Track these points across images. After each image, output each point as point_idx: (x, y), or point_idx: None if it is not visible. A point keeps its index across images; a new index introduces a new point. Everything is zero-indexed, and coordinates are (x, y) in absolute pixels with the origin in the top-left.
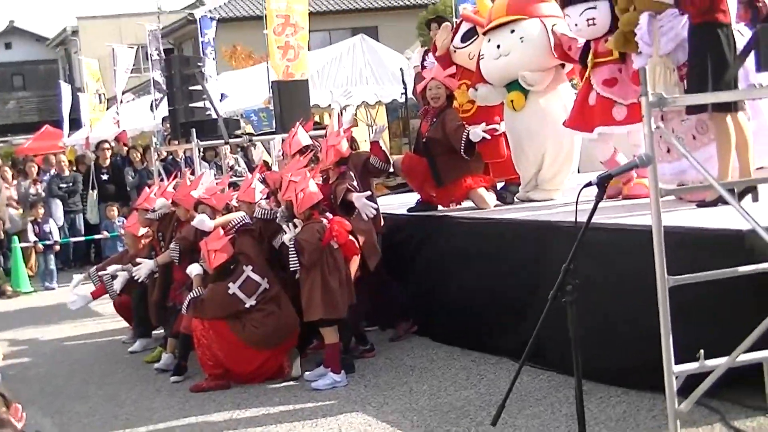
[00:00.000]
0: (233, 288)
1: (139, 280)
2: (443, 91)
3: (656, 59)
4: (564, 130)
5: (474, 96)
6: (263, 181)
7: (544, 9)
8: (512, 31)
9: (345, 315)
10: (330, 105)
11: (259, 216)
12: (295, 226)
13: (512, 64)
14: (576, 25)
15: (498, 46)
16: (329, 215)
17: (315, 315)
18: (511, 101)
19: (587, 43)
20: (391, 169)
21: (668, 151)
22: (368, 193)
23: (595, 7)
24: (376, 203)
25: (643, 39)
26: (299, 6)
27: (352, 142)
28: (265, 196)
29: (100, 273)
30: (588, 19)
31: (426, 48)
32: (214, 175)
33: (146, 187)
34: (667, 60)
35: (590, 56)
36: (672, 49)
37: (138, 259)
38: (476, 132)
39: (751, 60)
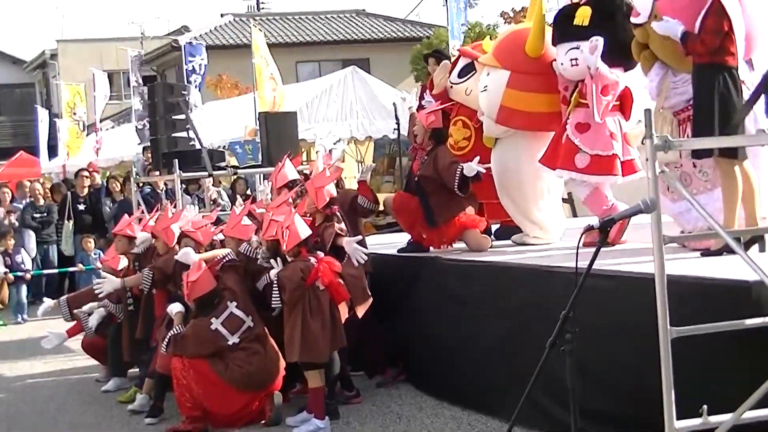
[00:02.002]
0: (216, 323)
1: (101, 295)
2: (421, 128)
3: (657, 110)
4: (538, 170)
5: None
6: (250, 215)
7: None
8: (488, 74)
9: (326, 360)
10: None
11: (246, 253)
12: (284, 262)
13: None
14: (561, 64)
15: (486, 76)
16: (320, 254)
17: (292, 356)
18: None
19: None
20: (381, 208)
21: (668, 188)
22: (359, 238)
23: (578, 48)
24: (366, 247)
25: (650, 88)
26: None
27: (339, 180)
28: (255, 233)
29: (75, 310)
30: (571, 59)
31: (423, 84)
32: (199, 209)
33: (126, 214)
34: (666, 112)
35: (575, 95)
36: (676, 102)
37: (103, 273)
38: (471, 166)
39: (759, 104)
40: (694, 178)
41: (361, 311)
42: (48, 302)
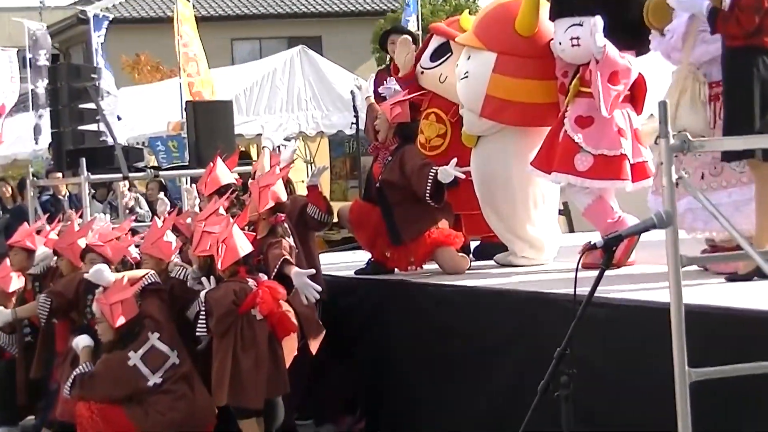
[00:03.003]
0: (134, 359)
1: None
2: (385, 123)
3: (686, 68)
4: (530, 175)
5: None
6: (174, 229)
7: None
8: (468, 58)
9: (259, 406)
10: (259, 135)
11: (177, 276)
12: (218, 282)
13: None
14: (560, 44)
15: (467, 60)
16: (262, 276)
17: (220, 399)
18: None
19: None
20: (335, 220)
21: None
22: (311, 271)
23: (581, 24)
24: (321, 284)
25: (673, 41)
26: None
27: (288, 183)
28: (178, 251)
29: None
30: (572, 38)
31: (381, 67)
32: (111, 219)
33: (25, 223)
34: (698, 72)
35: (575, 82)
36: (706, 60)
37: None
38: (446, 171)
39: None
40: (726, 167)
41: (314, 347)
42: None
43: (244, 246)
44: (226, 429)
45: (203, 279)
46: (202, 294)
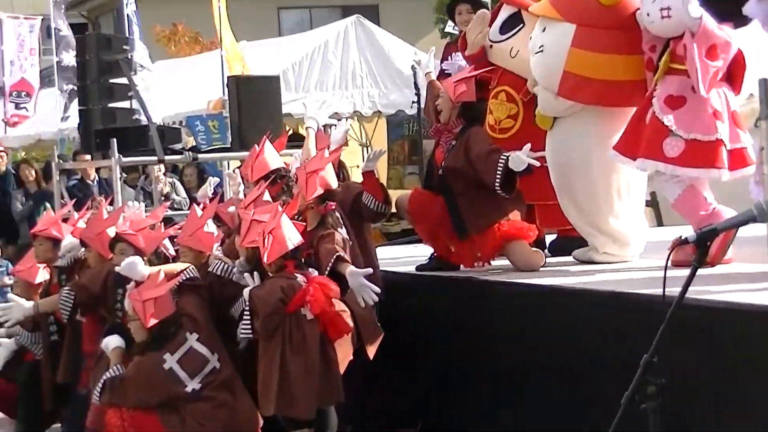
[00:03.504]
0: (170, 361)
1: (7, 325)
2: (448, 102)
3: None
4: (613, 161)
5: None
6: (216, 218)
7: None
8: (543, 30)
9: (311, 415)
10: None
11: (216, 272)
12: (263, 278)
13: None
14: (648, 14)
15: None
16: (312, 272)
17: (267, 408)
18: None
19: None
20: (393, 210)
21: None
22: (369, 271)
23: None
24: (378, 282)
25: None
26: None
27: (340, 168)
28: (220, 243)
29: None
30: (662, 9)
31: (449, 41)
32: (145, 206)
33: (50, 210)
34: None
35: (665, 58)
36: None
37: (10, 296)
38: (518, 158)
39: None
40: None
41: (371, 351)
42: None
43: (293, 238)
44: None
45: (246, 275)
46: (246, 291)
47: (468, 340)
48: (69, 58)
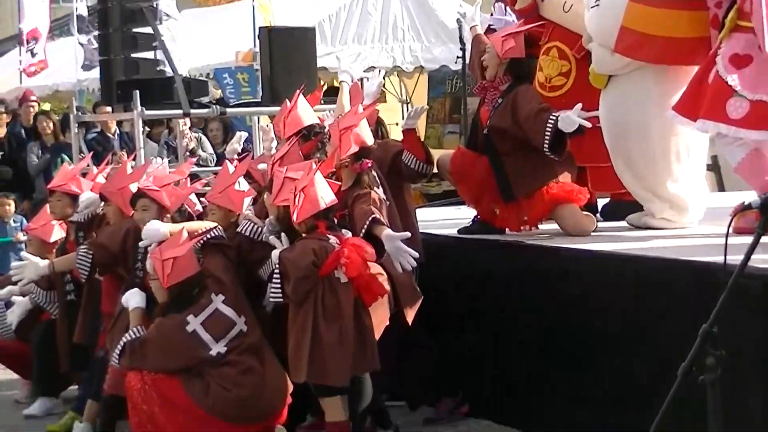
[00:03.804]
0: (194, 323)
1: (21, 284)
2: (495, 58)
3: None
4: (672, 122)
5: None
6: (247, 176)
7: None
8: None
9: (345, 383)
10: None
11: (244, 232)
12: (291, 239)
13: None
14: None
15: None
16: (345, 233)
17: (299, 375)
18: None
19: None
20: (435, 170)
21: None
22: (407, 234)
23: None
24: (418, 246)
25: None
26: None
27: (378, 125)
28: (251, 202)
29: None
30: None
31: None
32: (170, 162)
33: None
34: None
35: (731, 14)
36: None
37: (24, 254)
38: (569, 118)
39: None
40: None
41: (410, 316)
42: None
43: (325, 197)
44: (303, 408)
45: (272, 238)
46: (275, 254)
47: (512, 307)
48: (83, 8)
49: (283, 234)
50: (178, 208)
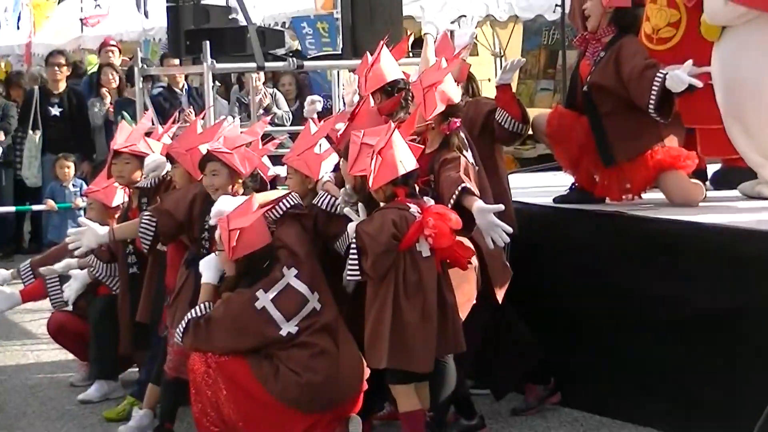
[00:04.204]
0: (263, 299)
1: (77, 252)
2: (598, 7)
3: None
4: None
5: None
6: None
7: None
8: None
9: (429, 368)
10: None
11: (320, 205)
12: (368, 209)
13: None
14: None
15: None
16: (427, 201)
17: (377, 361)
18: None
19: None
20: (530, 132)
21: None
22: (501, 207)
23: None
24: (510, 218)
25: None
26: None
27: (469, 81)
28: (333, 168)
29: (41, 268)
30: None
31: None
32: (242, 120)
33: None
34: None
35: None
36: None
37: (82, 220)
38: (678, 76)
39: None
40: None
41: (499, 294)
42: (3, 273)
43: (405, 161)
44: (379, 396)
45: (347, 210)
46: (352, 227)
47: (613, 283)
48: None
49: (360, 205)
50: (251, 173)
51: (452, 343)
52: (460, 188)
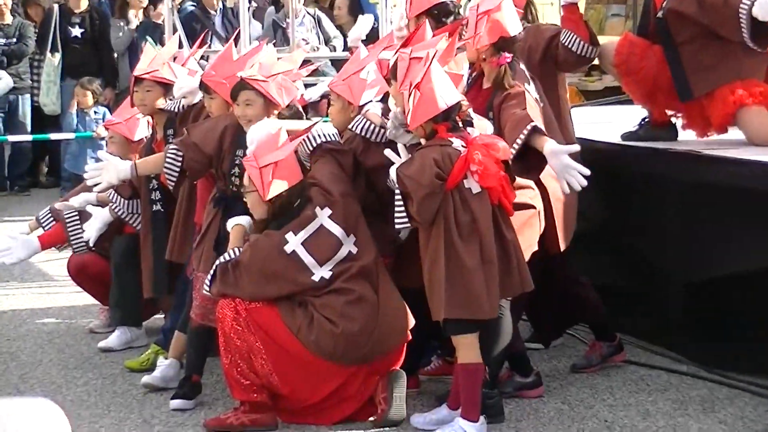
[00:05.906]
0: (294, 243)
1: (97, 189)
2: None
3: None
4: None
5: None
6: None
7: None
8: None
9: (493, 314)
10: None
11: (360, 132)
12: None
13: None
14: None
15: None
16: (471, 132)
17: (436, 313)
18: None
19: None
20: (596, 61)
21: None
22: (576, 147)
23: None
24: (575, 158)
25: None
26: None
27: (528, 7)
28: (379, 98)
29: (58, 204)
30: None
31: None
32: (273, 44)
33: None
34: None
35: None
36: None
37: (101, 153)
38: (766, 3)
39: None
40: None
41: (563, 240)
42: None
43: (446, 96)
44: (423, 350)
45: (388, 151)
46: (393, 171)
47: (686, 231)
48: None
49: (400, 145)
50: (288, 104)
51: (518, 283)
52: (529, 127)
